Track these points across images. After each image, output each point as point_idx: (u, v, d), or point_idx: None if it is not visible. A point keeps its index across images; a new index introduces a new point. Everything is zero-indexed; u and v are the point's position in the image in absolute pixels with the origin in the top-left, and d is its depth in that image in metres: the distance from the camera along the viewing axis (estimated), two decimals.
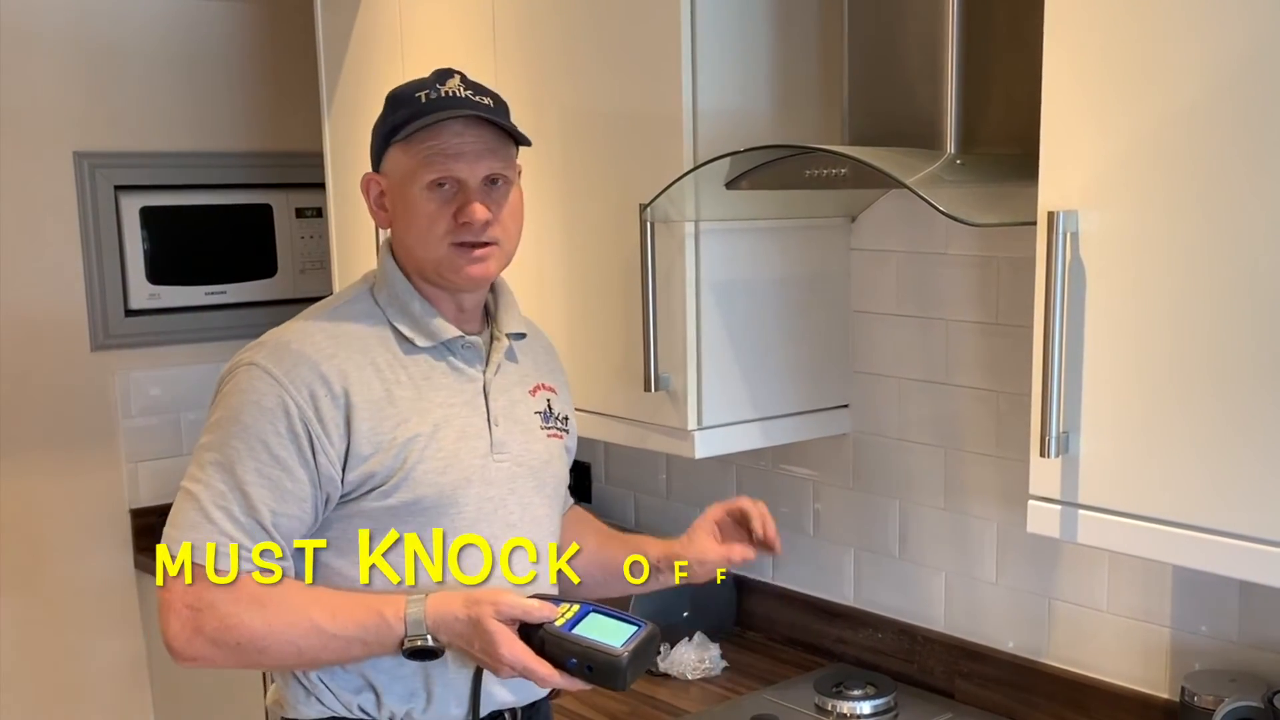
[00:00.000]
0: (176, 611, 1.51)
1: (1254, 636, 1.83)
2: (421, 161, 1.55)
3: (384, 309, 1.62)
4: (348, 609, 1.52)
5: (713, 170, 1.90)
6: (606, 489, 2.87)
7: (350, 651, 1.53)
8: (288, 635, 1.51)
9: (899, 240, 2.20)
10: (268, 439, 1.51)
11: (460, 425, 1.62)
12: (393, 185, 1.60)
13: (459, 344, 1.64)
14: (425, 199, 1.56)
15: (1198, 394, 1.38)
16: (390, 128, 1.58)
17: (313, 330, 1.59)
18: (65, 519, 3.15)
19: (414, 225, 1.58)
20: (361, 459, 1.54)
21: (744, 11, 2.04)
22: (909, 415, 2.24)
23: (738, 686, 2.30)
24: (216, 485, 1.52)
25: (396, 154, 1.58)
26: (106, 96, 3.13)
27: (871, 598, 2.35)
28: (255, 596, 1.51)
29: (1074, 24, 1.45)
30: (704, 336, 2.06)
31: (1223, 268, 1.35)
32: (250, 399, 1.52)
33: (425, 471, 1.57)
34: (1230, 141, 1.33)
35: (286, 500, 1.52)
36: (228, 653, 1.52)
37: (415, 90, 1.58)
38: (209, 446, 1.54)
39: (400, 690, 1.60)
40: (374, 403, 1.55)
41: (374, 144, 1.63)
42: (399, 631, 1.50)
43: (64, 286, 3.10)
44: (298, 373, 1.53)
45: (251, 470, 1.51)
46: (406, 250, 1.62)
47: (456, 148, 1.55)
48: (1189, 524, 1.41)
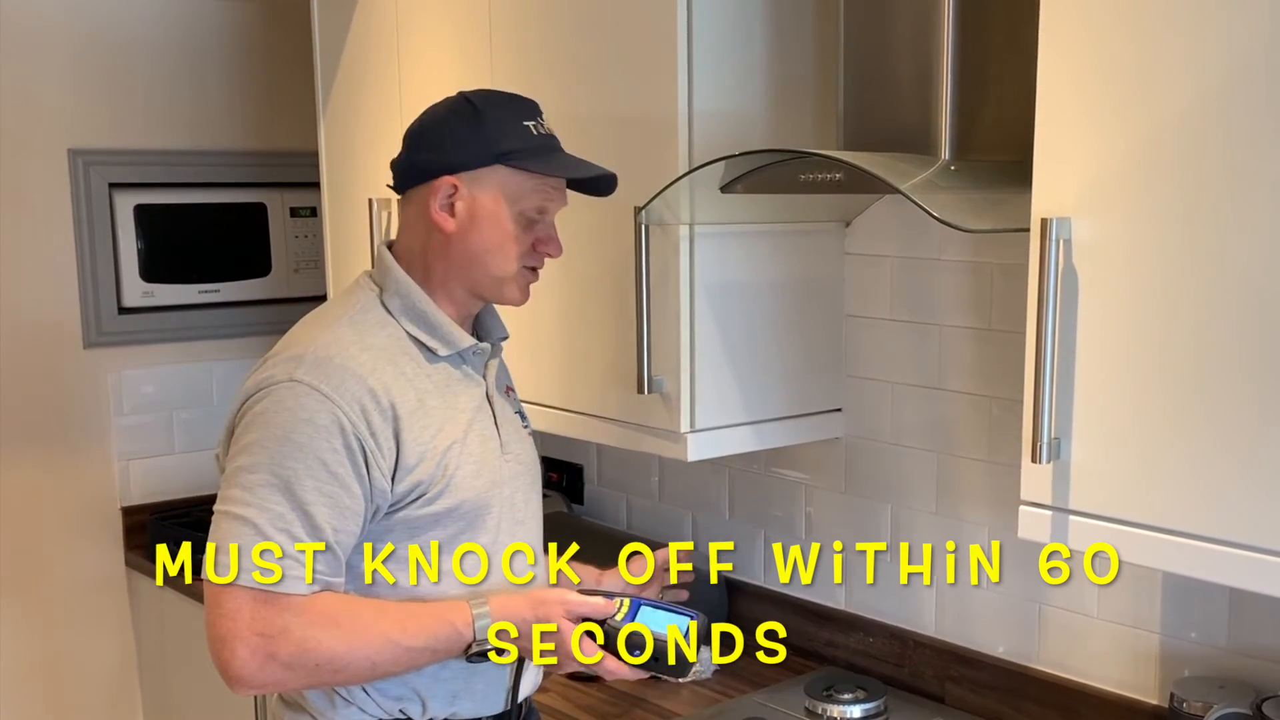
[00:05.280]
0: (244, 639, 1.47)
1: (1243, 643, 1.83)
2: (534, 189, 1.63)
3: (398, 318, 1.63)
4: (417, 620, 1.55)
5: (708, 174, 1.91)
6: (598, 491, 2.87)
7: (419, 661, 1.56)
8: (364, 651, 1.52)
9: (893, 245, 2.21)
10: (325, 456, 1.50)
11: (480, 429, 1.66)
12: (482, 196, 1.61)
13: (471, 351, 1.67)
14: (519, 221, 1.63)
15: (1188, 401, 1.39)
16: (504, 150, 1.60)
17: (347, 343, 1.57)
18: (56, 516, 3.14)
19: (493, 239, 1.62)
20: (409, 469, 1.56)
21: (740, 16, 2.04)
22: (902, 420, 2.24)
23: (728, 690, 2.30)
24: (274, 508, 1.48)
25: (505, 173, 1.61)
26: (102, 94, 3.12)
27: (863, 602, 2.35)
28: (328, 616, 1.50)
29: (1068, 31, 1.45)
30: (697, 339, 2.06)
31: (1213, 276, 1.35)
32: (300, 417, 1.50)
33: (464, 477, 1.60)
34: (1223, 150, 1.34)
35: (345, 517, 1.52)
36: (303, 675, 1.51)
37: (521, 117, 1.62)
38: (254, 468, 1.50)
39: (443, 693, 1.63)
40: (413, 413, 1.57)
41: (464, 149, 1.60)
42: (468, 638, 1.55)
43: (57, 283, 3.09)
44: (347, 388, 1.52)
45: (311, 489, 1.49)
46: (467, 259, 1.63)
47: (559, 185, 1.67)
48: (1179, 530, 1.41)
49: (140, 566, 3.18)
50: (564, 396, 2.24)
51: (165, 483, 3.28)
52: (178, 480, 3.27)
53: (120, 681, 3.28)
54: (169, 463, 3.29)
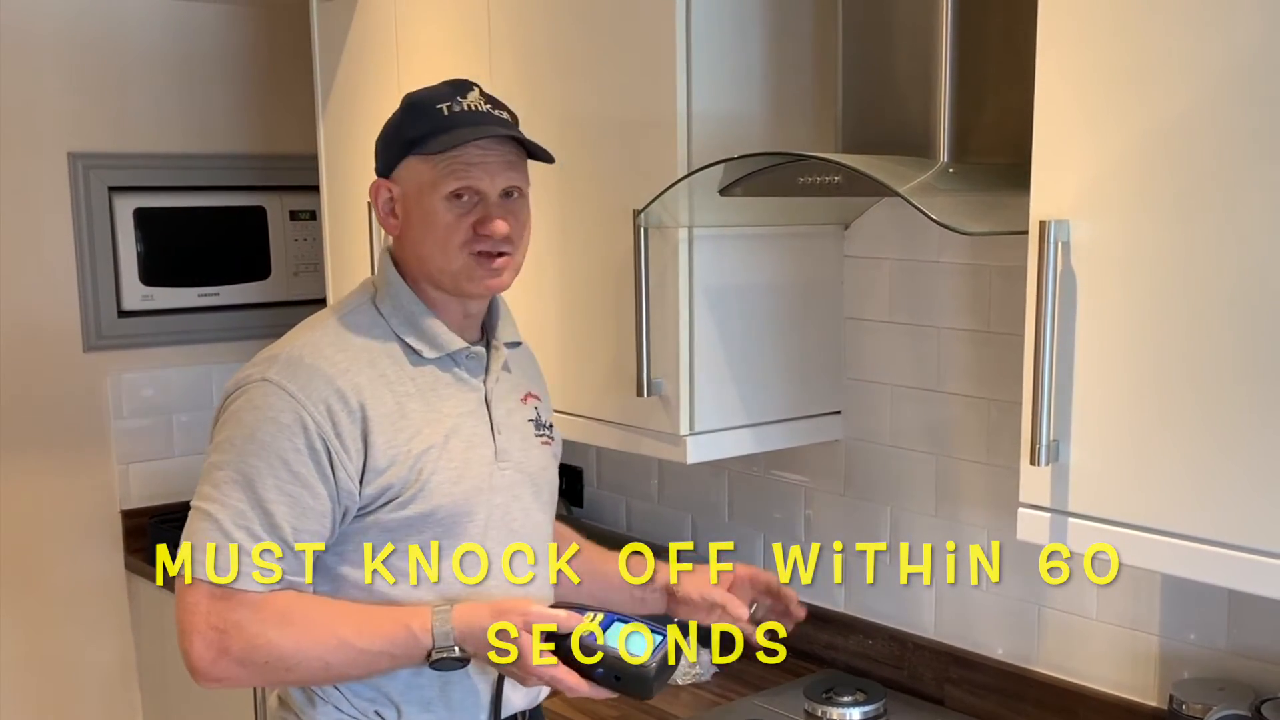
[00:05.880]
0: (201, 633, 1.49)
1: (1242, 645, 1.83)
2: (443, 172, 1.56)
3: (388, 319, 1.62)
4: (374, 623, 1.53)
5: (707, 176, 1.91)
6: (598, 494, 2.87)
7: (377, 665, 1.54)
8: (315, 652, 1.51)
9: (891, 248, 2.21)
10: (286, 455, 1.50)
11: (467, 435, 1.63)
12: (408, 193, 1.60)
13: (463, 354, 1.65)
14: (445, 209, 1.57)
15: (1187, 403, 1.39)
16: (410, 139, 1.58)
17: (322, 344, 1.58)
18: (56, 520, 3.14)
19: (431, 234, 1.58)
20: (378, 472, 1.55)
21: (738, 19, 2.04)
22: (901, 422, 2.24)
23: (728, 692, 2.30)
24: (235, 504, 1.50)
25: (415, 163, 1.58)
26: (102, 98, 3.13)
27: (862, 604, 2.35)
28: (281, 614, 1.50)
29: (1066, 34, 1.46)
30: (697, 342, 2.06)
31: (1211, 278, 1.36)
32: (266, 415, 1.51)
33: (440, 482, 1.58)
34: (1220, 153, 1.34)
35: (307, 517, 1.52)
36: (255, 672, 1.52)
37: (436, 101, 1.58)
38: (222, 465, 1.52)
39: (417, 699, 1.61)
40: (387, 416, 1.56)
41: (388, 151, 1.62)
42: (426, 644, 1.52)
43: (57, 287, 3.10)
44: (314, 388, 1.53)
45: (272, 487, 1.50)
46: (419, 258, 1.61)
47: (479, 159, 1.57)
48: (1178, 533, 1.41)
49: (140, 569, 3.18)
50: (563, 399, 2.24)
51: (165, 486, 3.28)
52: (177, 483, 3.27)
53: (120, 684, 3.28)
54: (168, 466, 3.29)
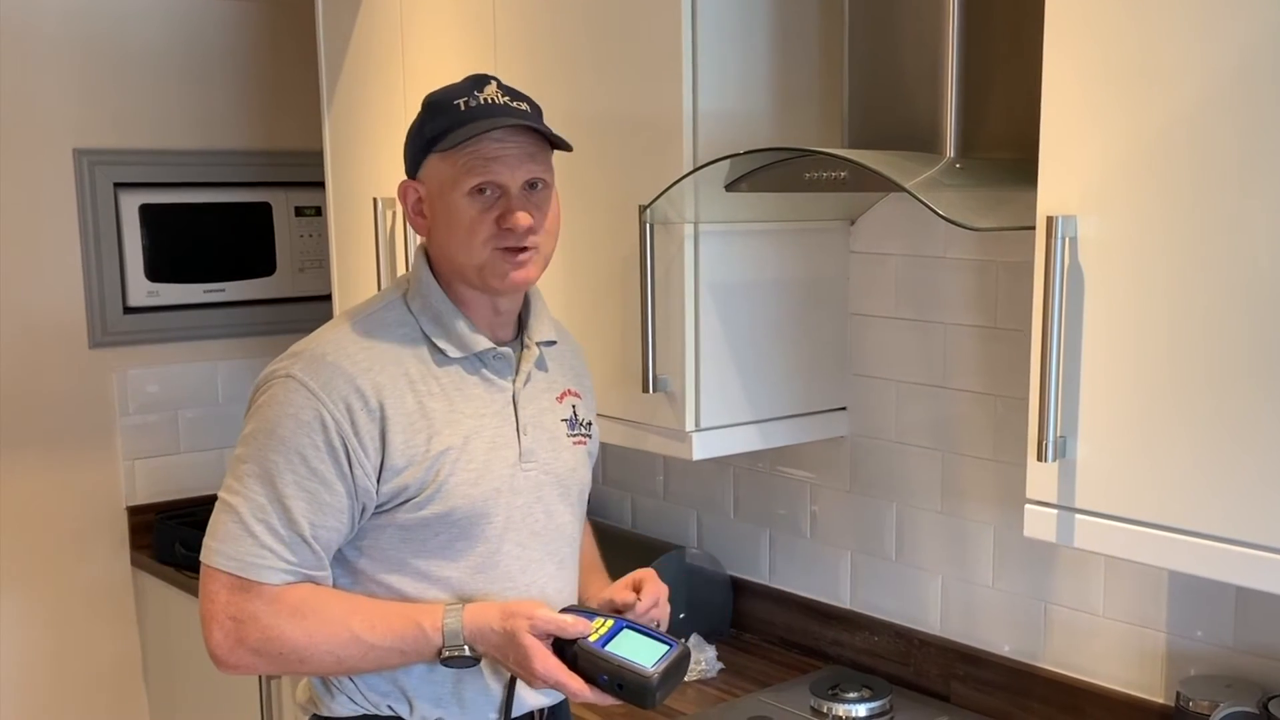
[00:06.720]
0: (220, 623, 1.53)
1: (1249, 642, 1.83)
2: (463, 168, 1.56)
3: (417, 317, 1.63)
4: (386, 619, 1.55)
5: (713, 172, 1.91)
6: (603, 490, 2.87)
7: (388, 660, 1.57)
8: (327, 645, 1.54)
9: (898, 244, 2.20)
10: (305, 452, 1.52)
11: (490, 436, 1.63)
12: (432, 192, 1.60)
13: (490, 355, 1.64)
14: (467, 205, 1.57)
15: (1195, 399, 1.38)
16: (430, 137, 1.58)
17: (346, 341, 1.59)
18: (62, 516, 3.15)
19: (455, 231, 1.58)
20: (395, 472, 1.56)
21: (745, 15, 2.04)
22: (907, 418, 2.24)
23: (734, 689, 2.30)
24: (255, 498, 1.53)
25: (436, 161, 1.58)
26: (107, 94, 3.13)
27: (868, 600, 2.35)
28: (296, 608, 1.53)
29: (1074, 29, 1.45)
30: (702, 338, 2.06)
31: (1220, 273, 1.35)
32: (287, 412, 1.53)
33: (458, 484, 1.59)
34: (1229, 147, 1.33)
35: (325, 512, 1.54)
36: (269, 661, 1.55)
37: (454, 97, 1.58)
38: (246, 458, 1.55)
39: (430, 694, 1.63)
40: (407, 416, 1.56)
41: (411, 151, 1.62)
42: (436, 642, 1.54)
43: (63, 283, 3.10)
44: (334, 386, 1.54)
45: (290, 483, 1.52)
46: (447, 256, 1.61)
47: (497, 153, 1.56)
48: (1185, 529, 1.41)
49: (146, 566, 3.18)
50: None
51: (171, 482, 3.28)
52: (183, 480, 3.27)
53: (126, 680, 3.28)
54: (174, 462, 3.29)
